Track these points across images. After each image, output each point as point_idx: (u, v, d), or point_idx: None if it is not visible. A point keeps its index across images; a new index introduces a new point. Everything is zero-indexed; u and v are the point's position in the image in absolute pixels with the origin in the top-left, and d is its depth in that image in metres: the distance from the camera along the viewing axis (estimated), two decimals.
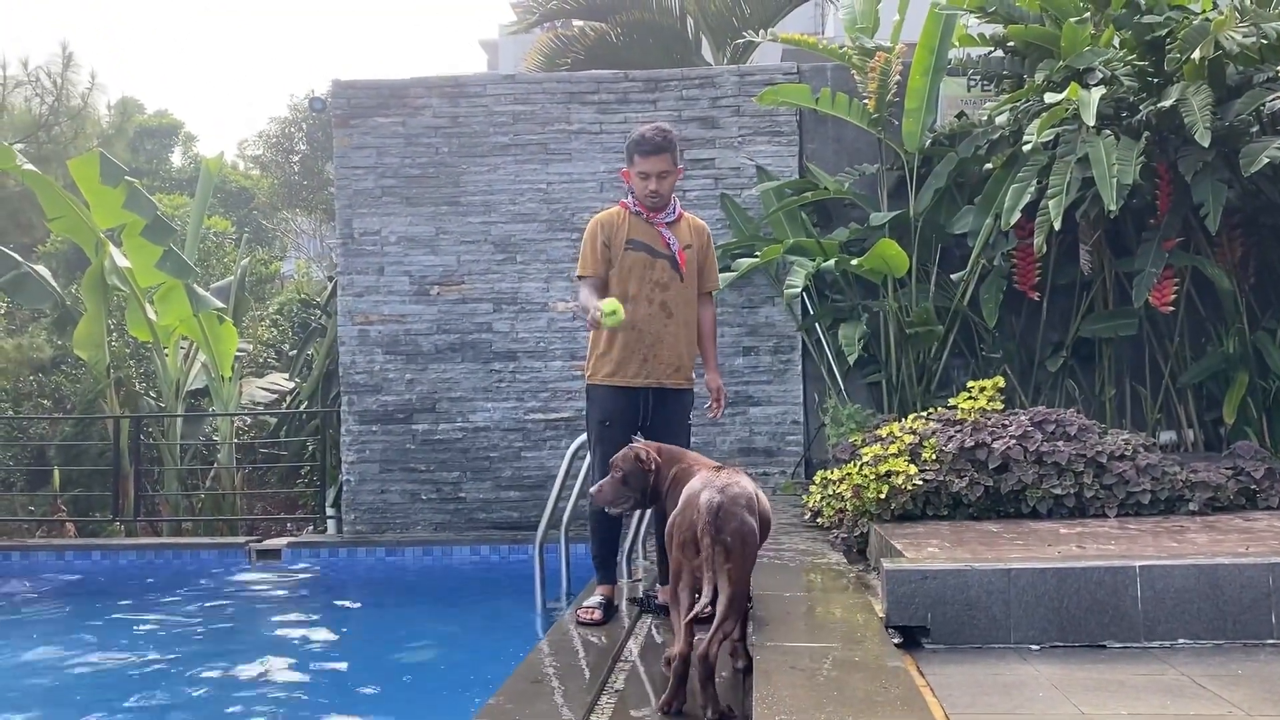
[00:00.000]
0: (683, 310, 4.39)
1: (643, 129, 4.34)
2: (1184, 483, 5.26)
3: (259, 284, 14.71)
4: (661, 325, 4.32)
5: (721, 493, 3.17)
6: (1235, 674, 3.32)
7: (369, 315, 8.50)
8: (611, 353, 4.31)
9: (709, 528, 3.10)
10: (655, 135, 4.30)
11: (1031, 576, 3.74)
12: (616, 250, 4.33)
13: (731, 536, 3.11)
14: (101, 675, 5.47)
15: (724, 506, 3.13)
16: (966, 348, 7.81)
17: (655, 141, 4.28)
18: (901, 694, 2.96)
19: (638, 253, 4.32)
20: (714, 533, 3.09)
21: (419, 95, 8.54)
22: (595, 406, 4.39)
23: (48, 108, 14.64)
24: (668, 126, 4.39)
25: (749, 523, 3.18)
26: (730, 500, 3.16)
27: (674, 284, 4.35)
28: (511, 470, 8.38)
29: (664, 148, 4.29)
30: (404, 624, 6.49)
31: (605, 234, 4.34)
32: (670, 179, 4.35)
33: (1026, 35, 6.99)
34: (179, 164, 23.83)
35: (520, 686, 3.49)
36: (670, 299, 4.34)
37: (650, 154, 4.28)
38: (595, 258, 4.34)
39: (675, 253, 4.34)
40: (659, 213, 4.37)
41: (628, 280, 4.31)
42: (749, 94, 8.25)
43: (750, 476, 3.53)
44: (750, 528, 3.18)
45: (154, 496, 10.46)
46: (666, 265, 4.34)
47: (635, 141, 4.33)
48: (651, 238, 4.35)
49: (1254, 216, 7.01)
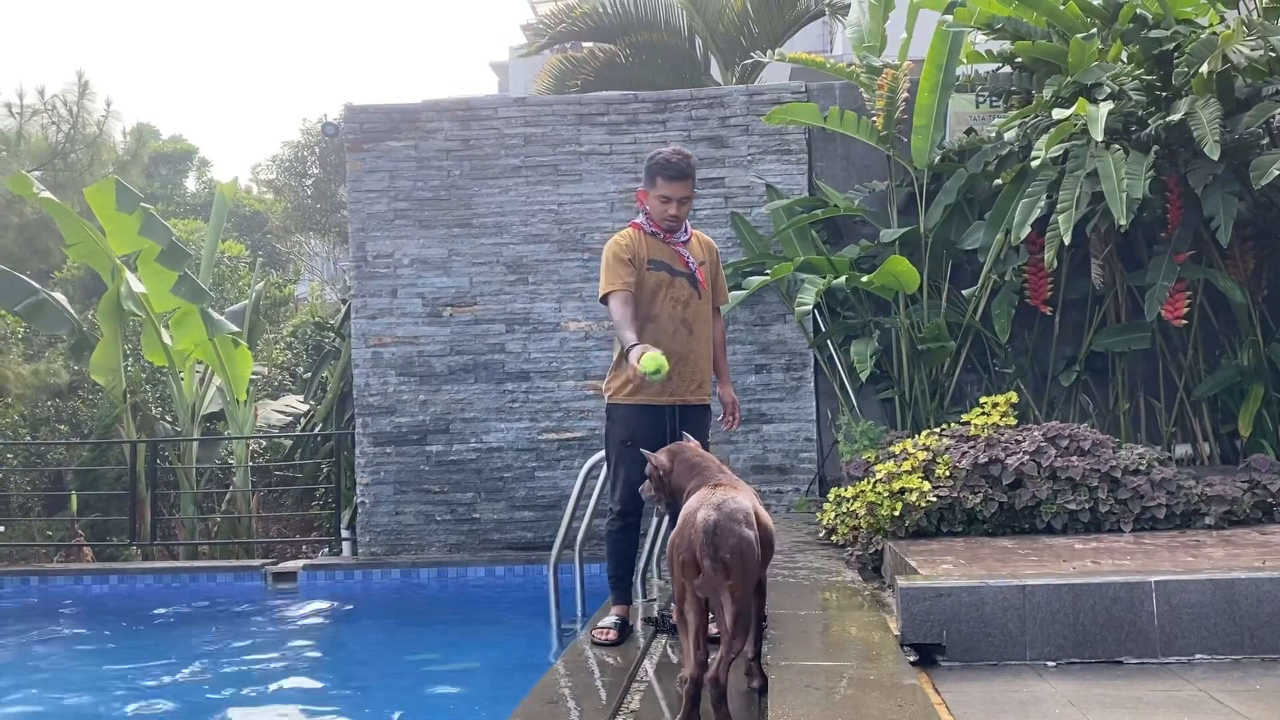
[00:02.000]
0: (702, 327, 4.42)
1: (665, 152, 4.34)
2: (1199, 496, 5.24)
3: (273, 307, 14.81)
4: (685, 343, 4.34)
5: (718, 510, 3.16)
6: (1253, 689, 3.31)
7: (382, 337, 8.55)
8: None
9: (706, 548, 3.08)
10: (680, 161, 4.30)
11: (1047, 593, 3.73)
12: (640, 270, 4.32)
13: (730, 554, 3.09)
14: (121, 697, 5.49)
15: (720, 525, 3.12)
16: (979, 363, 7.80)
17: (680, 167, 4.29)
18: (917, 712, 2.95)
19: (659, 272, 4.33)
20: (712, 552, 3.08)
21: (430, 119, 8.62)
22: (618, 426, 4.36)
23: (64, 135, 14.79)
24: (688, 151, 4.40)
25: (747, 537, 3.15)
26: (727, 517, 3.14)
27: (694, 301, 4.37)
28: (525, 490, 8.40)
29: (688, 173, 4.31)
30: (420, 645, 6.49)
31: (629, 252, 4.33)
32: (689, 204, 4.38)
33: (1034, 51, 7.01)
34: (193, 189, 24.07)
35: (536, 707, 3.49)
36: (690, 316, 4.36)
37: (675, 179, 4.29)
38: (625, 269, 4.28)
39: (694, 270, 4.37)
40: (674, 233, 4.40)
41: (652, 300, 4.32)
42: (758, 113, 8.30)
43: (753, 490, 3.55)
44: (748, 543, 3.15)
45: (170, 520, 10.51)
46: (686, 283, 4.36)
47: (660, 165, 4.32)
48: (670, 256, 4.37)
49: (1265, 229, 7.01)
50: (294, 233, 20.78)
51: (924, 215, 7.70)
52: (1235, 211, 6.18)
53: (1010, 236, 6.66)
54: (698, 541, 3.12)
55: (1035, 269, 7.27)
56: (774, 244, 8.17)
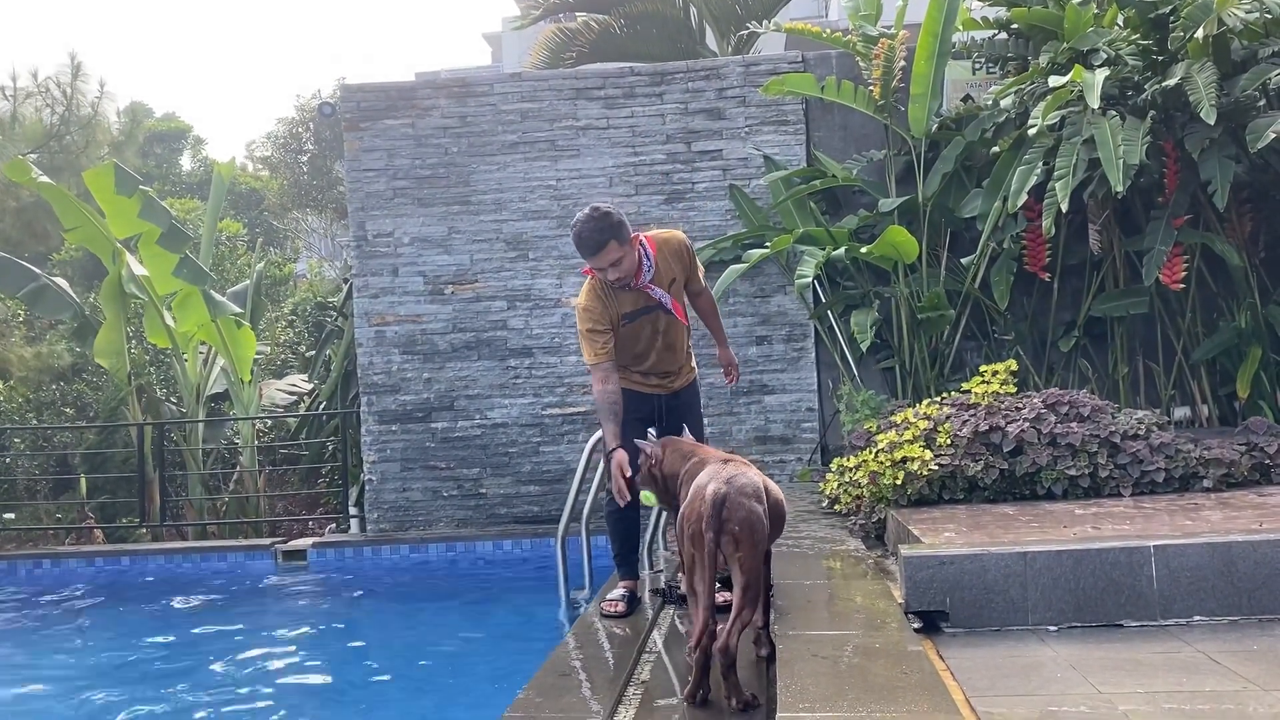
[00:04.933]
0: (679, 335, 4.44)
1: (577, 226, 4.10)
2: (1198, 460, 5.31)
3: (274, 286, 14.83)
4: (664, 356, 4.41)
5: (728, 484, 3.23)
6: (1250, 650, 3.38)
7: (385, 316, 8.59)
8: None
9: (713, 519, 3.16)
10: (589, 234, 4.05)
11: (1048, 559, 3.80)
12: (615, 330, 4.24)
13: (740, 526, 3.17)
14: (137, 676, 5.59)
15: (730, 497, 3.20)
16: (979, 330, 7.85)
17: (592, 241, 4.05)
18: (922, 679, 3.03)
19: (633, 322, 4.30)
20: (721, 523, 3.16)
21: (427, 96, 8.61)
22: None
23: (58, 117, 14.73)
24: (602, 210, 4.10)
25: (756, 511, 3.23)
26: (737, 490, 3.22)
27: (670, 322, 4.36)
28: (531, 465, 8.48)
29: (602, 243, 4.05)
30: (431, 619, 6.58)
31: (602, 322, 4.20)
32: (627, 258, 4.12)
33: (1030, 18, 7.01)
34: (189, 167, 23.98)
35: (548, 680, 3.56)
36: (670, 334, 4.38)
37: (594, 253, 4.08)
38: (600, 338, 4.19)
39: (662, 301, 4.29)
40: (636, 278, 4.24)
41: (633, 343, 4.33)
42: (755, 84, 8.29)
43: (761, 468, 3.61)
44: (757, 516, 3.23)
45: (179, 501, 10.60)
46: (660, 314, 4.32)
47: (576, 245, 4.13)
48: (636, 300, 4.27)
49: (1263, 191, 7.03)
50: (291, 209, 20.74)
51: (922, 184, 7.72)
52: (1232, 175, 6.21)
53: (1008, 204, 6.69)
54: (707, 513, 3.19)
55: (1033, 236, 7.30)
56: (773, 216, 8.19)
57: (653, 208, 8.40)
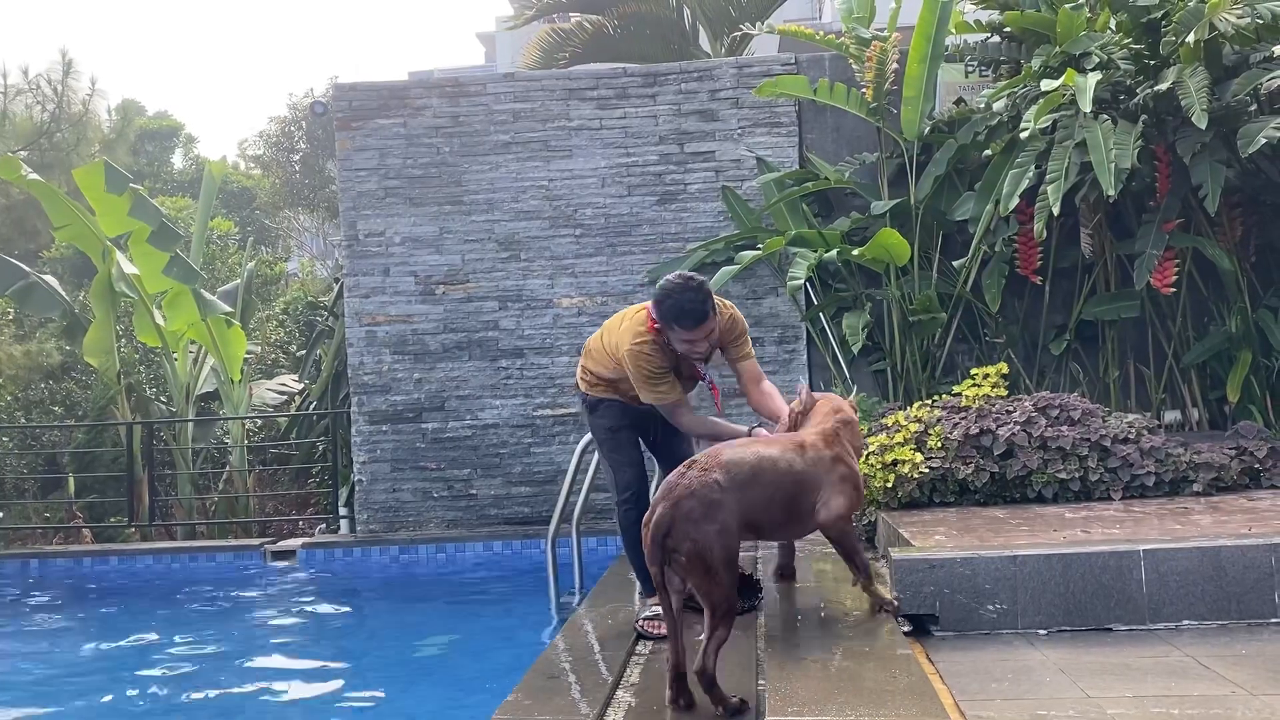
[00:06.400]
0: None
1: (677, 295, 3.76)
2: (1188, 464, 5.32)
3: (264, 285, 14.78)
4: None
5: (675, 506, 3.06)
6: (1239, 654, 3.39)
7: (376, 316, 8.56)
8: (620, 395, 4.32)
9: (655, 552, 3.01)
10: (693, 305, 3.74)
11: (1038, 563, 3.80)
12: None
13: (686, 557, 3.01)
14: (123, 676, 5.55)
15: (675, 525, 3.02)
16: (970, 333, 7.85)
17: (696, 312, 3.76)
18: (911, 682, 3.02)
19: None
20: (665, 554, 3.01)
21: (419, 96, 8.59)
22: (602, 416, 4.37)
23: (49, 115, 14.68)
24: (698, 280, 3.80)
25: (705, 536, 3.03)
26: (683, 516, 3.03)
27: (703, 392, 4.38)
28: (521, 466, 8.46)
29: (705, 314, 3.77)
30: (420, 621, 6.57)
31: (657, 367, 4.00)
32: (715, 331, 3.91)
33: (1023, 21, 7.01)
34: (180, 166, 23.92)
35: (537, 682, 3.55)
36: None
37: (696, 325, 3.80)
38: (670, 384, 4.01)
39: (708, 381, 4.27)
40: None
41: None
42: (748, 86, 8.28)
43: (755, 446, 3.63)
44: (705, 544, 3.03)
45: (168, 501, 10.55)
46: (700, 386, 4.33)
47: (674, 314, 3.77)
48: (687, 369, 4.17)
49: (1253, 196, 7.04)
50: (282, 208, 20.71)
51: (914, 187, 7.72)
52: (1223, 179, 6.21)
53: (1000, 207, 6.69)
54: (648, 546, 3.03)
55: (1025, 239, 7.30)
56: (765, 217, 8.18)
57: (645, 209, 8.40)
